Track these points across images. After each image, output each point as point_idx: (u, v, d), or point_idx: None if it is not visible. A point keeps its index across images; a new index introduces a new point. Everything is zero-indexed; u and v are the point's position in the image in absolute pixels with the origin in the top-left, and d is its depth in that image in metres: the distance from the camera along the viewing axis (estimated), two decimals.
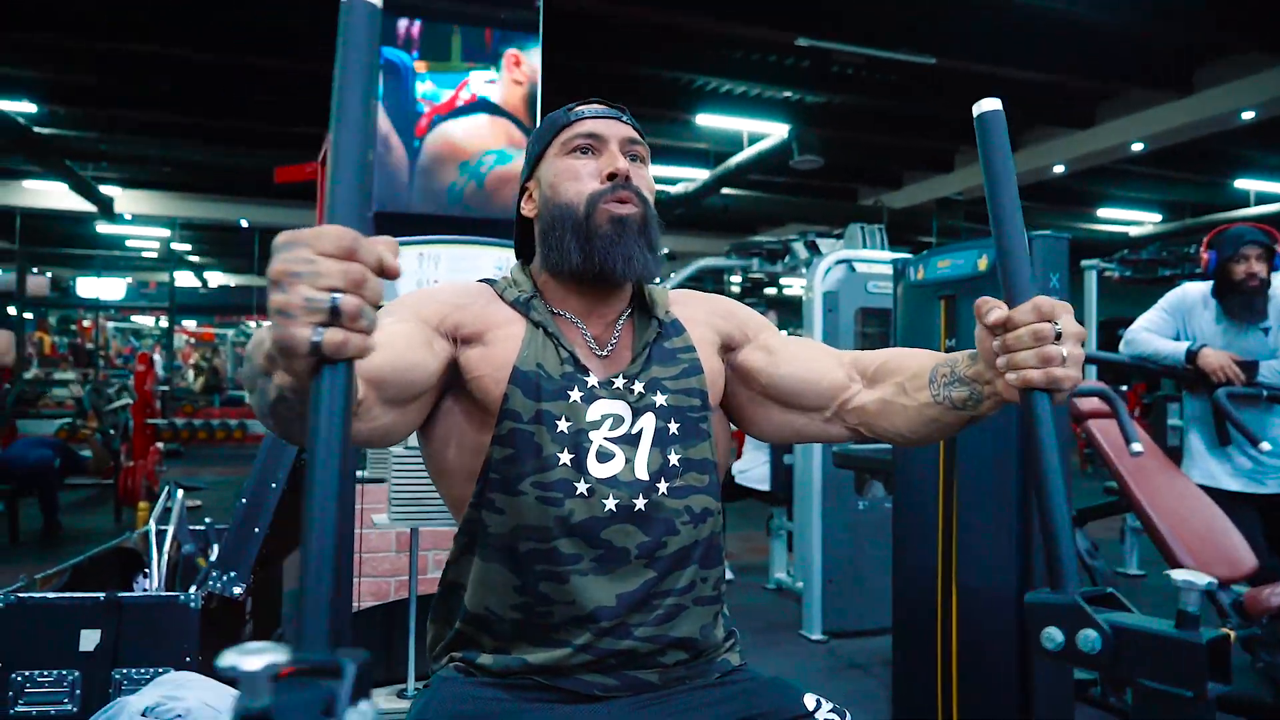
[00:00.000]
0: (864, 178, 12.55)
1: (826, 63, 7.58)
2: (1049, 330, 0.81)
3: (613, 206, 1.04)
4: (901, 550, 2.69)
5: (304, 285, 0.59)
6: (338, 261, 0.60)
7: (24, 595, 2.00)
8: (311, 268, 0.59)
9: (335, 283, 0.59)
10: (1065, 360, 0.81)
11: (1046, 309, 0.82)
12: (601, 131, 1.08)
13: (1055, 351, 0.81)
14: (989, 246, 2.38)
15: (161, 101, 8.82)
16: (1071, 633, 0.78)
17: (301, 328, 0.59)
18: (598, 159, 1.07)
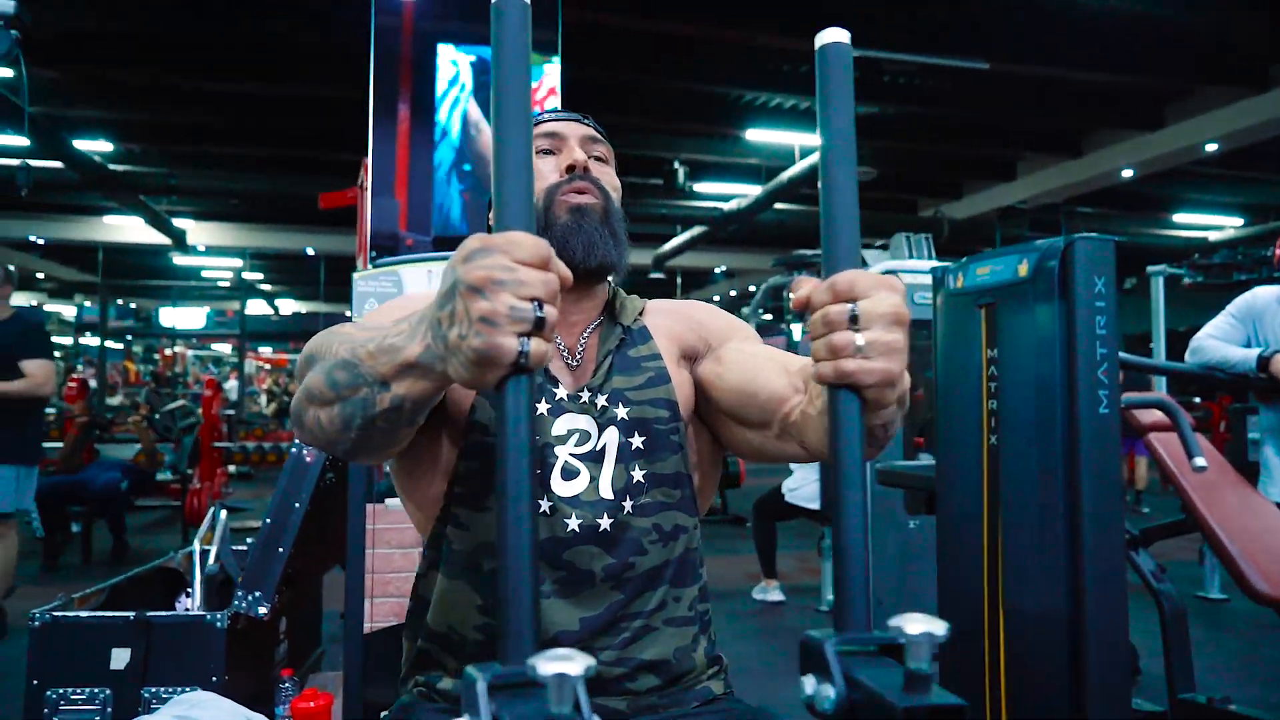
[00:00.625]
0: (923, 188, 12.31)
1: (877, 72, 7.46)
2: (840, 314, 0.65)
3: (570, 197, 1.01)
4: (946, 570, 2.57)
5: (508, 293, 0.58)
6: (538, 271, 0.59)
7: (59, 614, 2.05)
8: (514, 276, 0.58)
9: (538, 292, 0.59)
10: (862, 349, 0.64)
11: (843, 287, 0.65)
12: (561, 131, 1.07)
13: (845, 339, 0.64)
14: (1030, 251, 2.28)
15: (226, 136, 9.16)
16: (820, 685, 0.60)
17: (508, 337, 0.58)
18: (558, 156, 1.05)
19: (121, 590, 2.39)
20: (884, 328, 0.65)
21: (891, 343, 0.65)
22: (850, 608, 0.61)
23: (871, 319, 0.65)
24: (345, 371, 0.77)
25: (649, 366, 1.03)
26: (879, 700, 0.55)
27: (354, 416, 0.77)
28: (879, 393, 0.66)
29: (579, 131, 1.07)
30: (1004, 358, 2.32)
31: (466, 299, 0.60)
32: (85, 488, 5.78)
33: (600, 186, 1.03)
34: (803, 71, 7.49)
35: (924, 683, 0.56)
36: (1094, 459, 2.18)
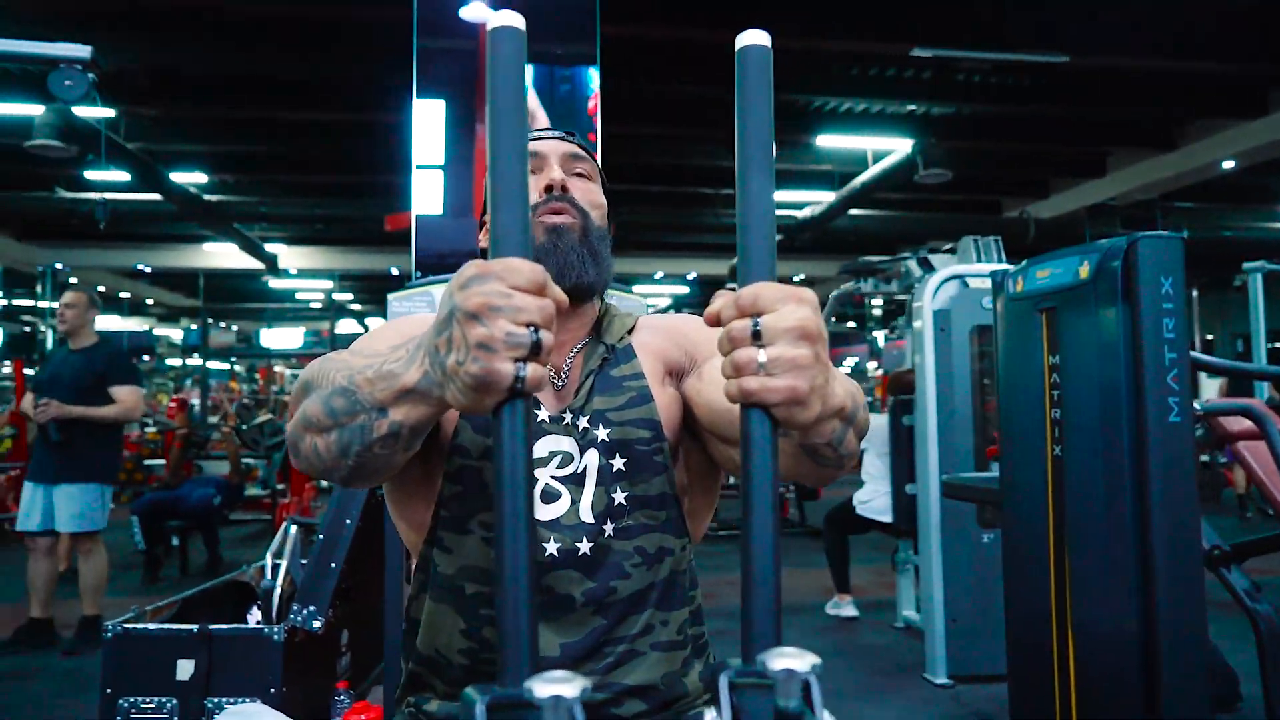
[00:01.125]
0: (1006, 189, 11.90)
1: (950, 71, 7.25)
2: (742, 329, 0.62)
3: (546, 218, 1.01)
4: (1012, 587, 2.46)
5: (505, 320, 0.59)
6: (534, 297, 0.60)
7: (129, 626, 2.14)
8: (510, 302, 0.59)
9: (534, 318, 0.59)
10: (764, 366, 0.61)
11: (746, 301, 0.62)
12: (541, 150, 1.06)
13: (747, 356, 0.61)
14: (1091, 251, 2.17)
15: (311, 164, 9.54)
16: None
17: (505, 362, 0.59)
18: (537, 176, 1.04)
19: (192, 603, 2.49)
20: (789, 343, 0.62)
21: (796, 358, 0.61)
22: (757, 635, 0.58)
23: (775, 334, 0.61)
24: (343, 399, 0.78)
25: (630, 386, 1.01)
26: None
27: (352, 443, 0.78)
28: (786, 411, 0.62)
29: (560, 150, 1.07)
30: (1066, 364, 2.21)
31: (464, 325, 0.60)
32: (182, 502, 6.06)
33: (578, 206, 1.03)
34: (872, 74, 7.35)
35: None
36: (1165, 470, 2.05)
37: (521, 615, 0.57)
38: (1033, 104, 7.83)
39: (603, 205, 1.08)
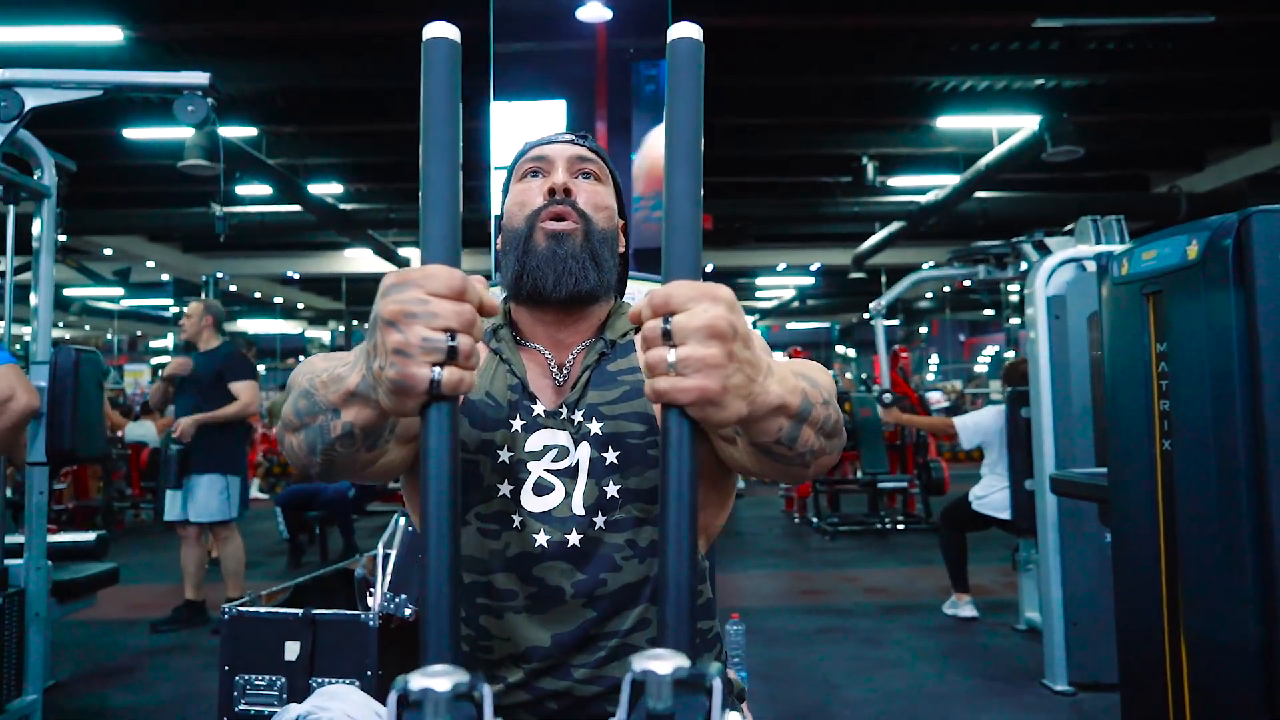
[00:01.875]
0: (1152, 162, 11.05)
1: (1081, 41, 6.81)
2: (653, 330, 0.62)
3: (548, 224, 1.01)
4: (1122, 590, 2.31)
5: (420, 325, 0.61)
6: (451, 302, 0.61)
7: (244, 610, 2.32)
8: (426, 308, 0.61)
9: (451, 323, 0.61)
10: (674, 366, 0.61)
11: (659, 301, 0.62)
12: (548, 154, 1.07)
13: (658, 356, 0.62)
14: (1200, 229, 2.00)
15: None
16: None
17: (420, 367, 0.61)
18: (546, 179, 1.05)
19: (304, 589, 2.66)
20: (698, 342, 0.61)
21: (706, 358, 0.61)
22: (668, 633, 0.59)
23: (685, 334, 0.61)
24: (306, 400, 0.83)
25: (626, 380, 1.02)
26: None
27: (316, 442, 0.82)
28: (700, 411, 0.62)
29: (567, 153, 1.07)
30: (1174, 352, 2.05)
31: (383, 332, 0.62)
32: (319, 494, 6.47)
33: (580, 210, 1.03)
34: (992, 50, 6.99)
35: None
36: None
37: (444, 607, 0.59)
38: (1177, 69, 7.24)
39: (610, 208, 1.07)
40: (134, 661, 3.88)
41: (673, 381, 0.61)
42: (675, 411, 0.62)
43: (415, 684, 0.50)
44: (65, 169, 3.04)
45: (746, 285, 19.69)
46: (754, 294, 20.69)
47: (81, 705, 3.34)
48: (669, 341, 0.62)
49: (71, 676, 3.64)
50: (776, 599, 5.08)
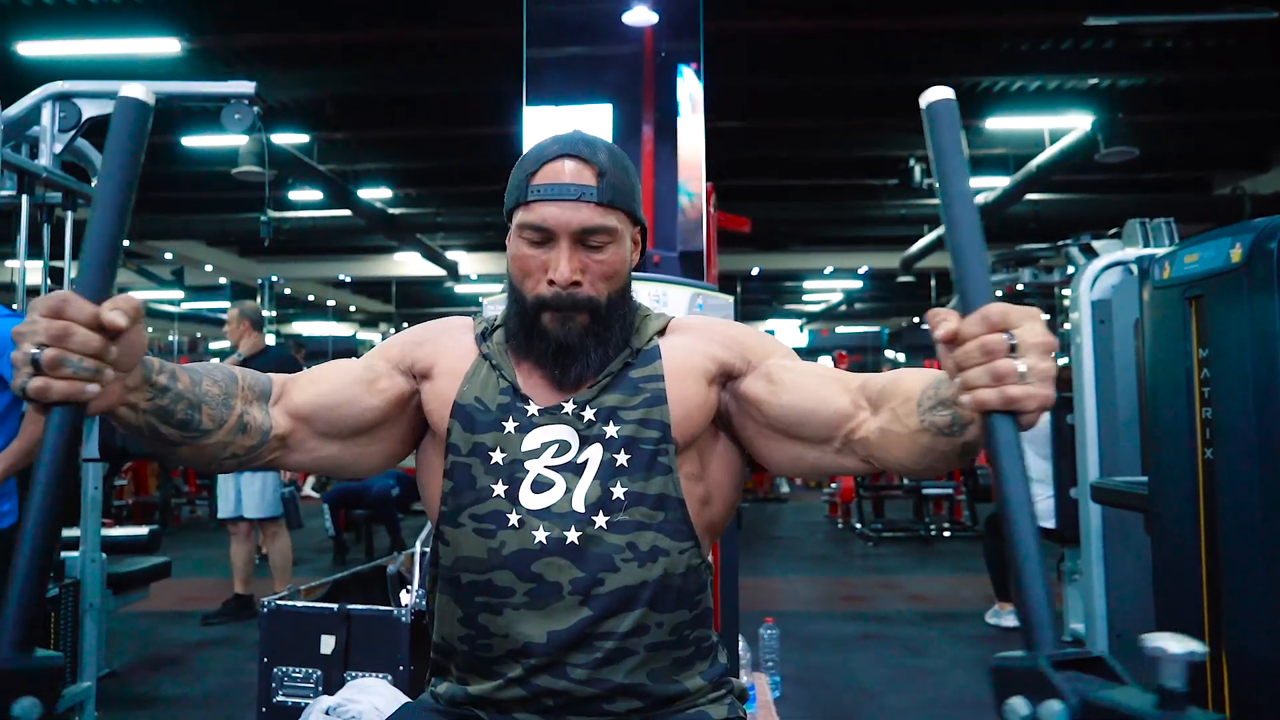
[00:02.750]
0: (1214, 163, 10.72)
1: (1136, 39, 6.64)
2: (999, 343, 0.70)
3: (550, 323, 1.00)
4: (1161, 602, 2.25)
5: (26, 343, 0.70)
6: (48, 320, 0.70)
7: (282, 603, 2.38)
8: (31, 327, 0.70)
9: (39, 338, 0.70)
10: (1024, 375, 0.69)
11: (996, 318, 0.70)
12: (551, 225, 0.99)
13: (1008, 367, 0.69)
14: (1245, 232, 1.95)
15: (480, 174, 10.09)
16: (1037, 703, 0.64)
17: (21, 377, 0.70)
18: (547, 253, 1.00)
19: (343, 585, 2.72)
20: (1039, 355, 0.70)
21: (1048, 369, 0.71)
22: (1035, 626, 0.67)
23: (1029, 347, 0.70)
24: None
25: (646, 388, 1.03)
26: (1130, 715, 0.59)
27: None
28: (1034, 417, 0.71)
29: (572, 224, 0.99)
30: (1216, 358, 1.99)
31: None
32: (365, 493, 6.60)
33: (586, 298, 1.00)
34: (1044, 49, 6.85)
35: (1179, 700, 0.59)
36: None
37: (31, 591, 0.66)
38: (1239, 67, 7.01)
39: (622, 267, 1.03)
40: (184, 653, 4.01)
41: (1025, 389, 0.69)
42: (1001, 417, 0.70)
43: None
44: None
45: (793, 288, 19.56)
46: (800, 297, 20.54)
47: (134, 694, 3.46)
48: (1014, 354, 0.70)
49: (125, 666, 3.77)
50: (816, 604, 5.04)
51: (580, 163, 1.01)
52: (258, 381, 1.01)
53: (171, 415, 0.89)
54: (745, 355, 1.07)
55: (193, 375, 0.93)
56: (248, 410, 0.98)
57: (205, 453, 0.94)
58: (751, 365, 1.06)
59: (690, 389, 1.04)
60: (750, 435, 1.06)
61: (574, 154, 1.01)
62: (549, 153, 1.02)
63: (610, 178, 1.01)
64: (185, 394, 0.90)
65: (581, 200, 0.99)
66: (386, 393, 1.05)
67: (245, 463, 0.98)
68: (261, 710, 2.34)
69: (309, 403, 1.02)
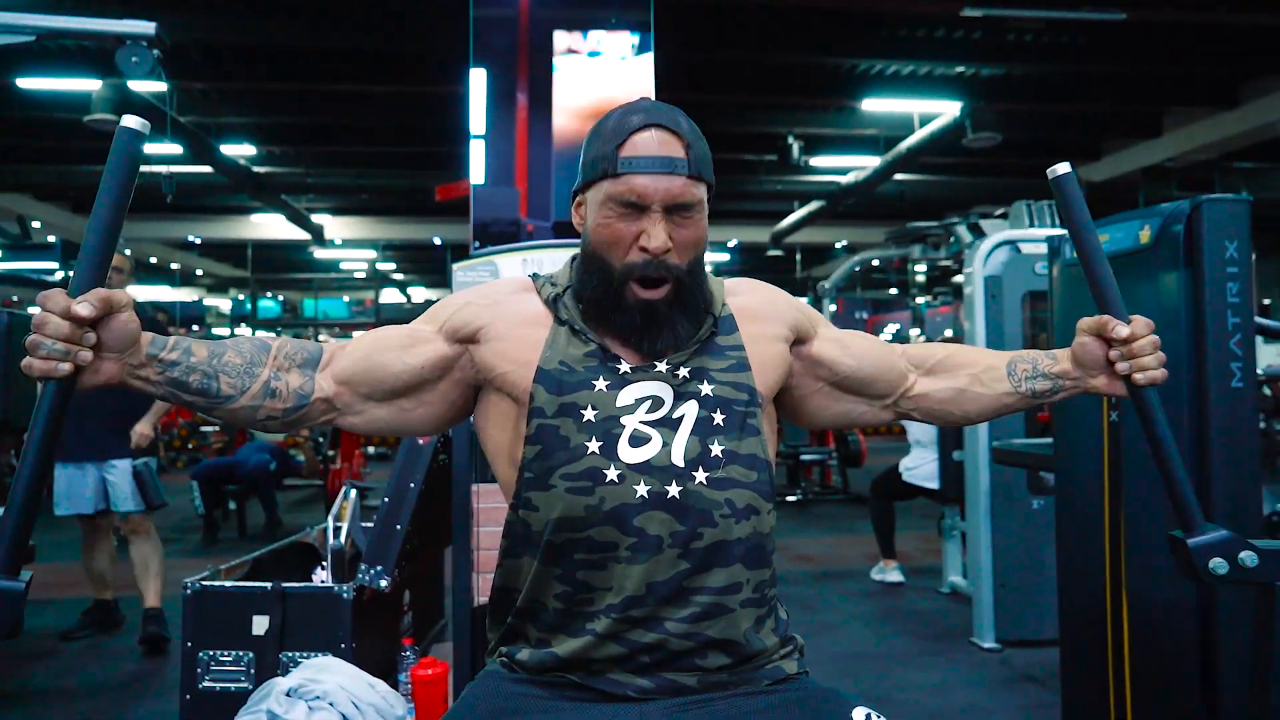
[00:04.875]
0: (1057, 151, 11.58)
1: (1001, 32, 7.08)
2: (1154, 342, 1.11)
3: (641, 291, 1.01)
4: (1066, 553, 2.47)
5: (37, 334, 0.88)
6: (46, 313, 0.87)
7: (208, 584, 2.25)
8: (38, 317, 0.88)
9: (47, 332, 0.87)
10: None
11: (1151, 326, 1.12)
12: (646, 193, 0.99)
13: (1159, 359, 1.12)
14: (1153, 215, 2.14)
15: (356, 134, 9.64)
16: (1232, 559, 1.11)
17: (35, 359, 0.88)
18: (638, 223, 1.00)
19: (263, 563, 2.59)
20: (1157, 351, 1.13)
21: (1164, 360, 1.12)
22: (1191, 513, 1.14)
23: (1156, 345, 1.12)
24: None
25: (732, 355, 1.07)
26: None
27: None
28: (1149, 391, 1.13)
29: (665, 193, 0.99)
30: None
31: None
32: (238, 469, 6.26)
33: (674, 270, 1.01)
34: (920, 36, 7.19)
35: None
36: (1226, 436, 2.03)
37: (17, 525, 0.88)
38: (1085, 63, 7.61)
39: (705, 237, 1.06)
40: (54, 644, 3.68)
41: (1165, 372, 1.11)
42: (1150, 390, 1.12)
43: None
44: None
45: None
46: None
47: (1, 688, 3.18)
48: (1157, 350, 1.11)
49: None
50: None
51: (668, 133, 1.02)
52: (302, 350, 1.07)
53: (187, 385, 0.99)
54: (810, 320, 1.17)
55: (214, 349, 1.02)
56: (278, 376, 1.04)
57: (237, 415, 1.04)
58: (815, 330, 1.17)
59: (768, 353, 1.09)
60: (806, 393, 1.17)
61: (660, 124, 1.02)
62: (633, 124, 1.02)
63: (696, 149, 1.03)
64: (199, 366, 0.99)
65: (674, 174, 1.00)
66: (424, 355, 1.08)
67: (291, 423, 1.06)
68: (185, 698, 2.21)
69: (350, 366, 1.07)
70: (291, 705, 1.68)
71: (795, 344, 1.14)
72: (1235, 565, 1.05)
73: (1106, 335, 1.10)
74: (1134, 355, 1.09)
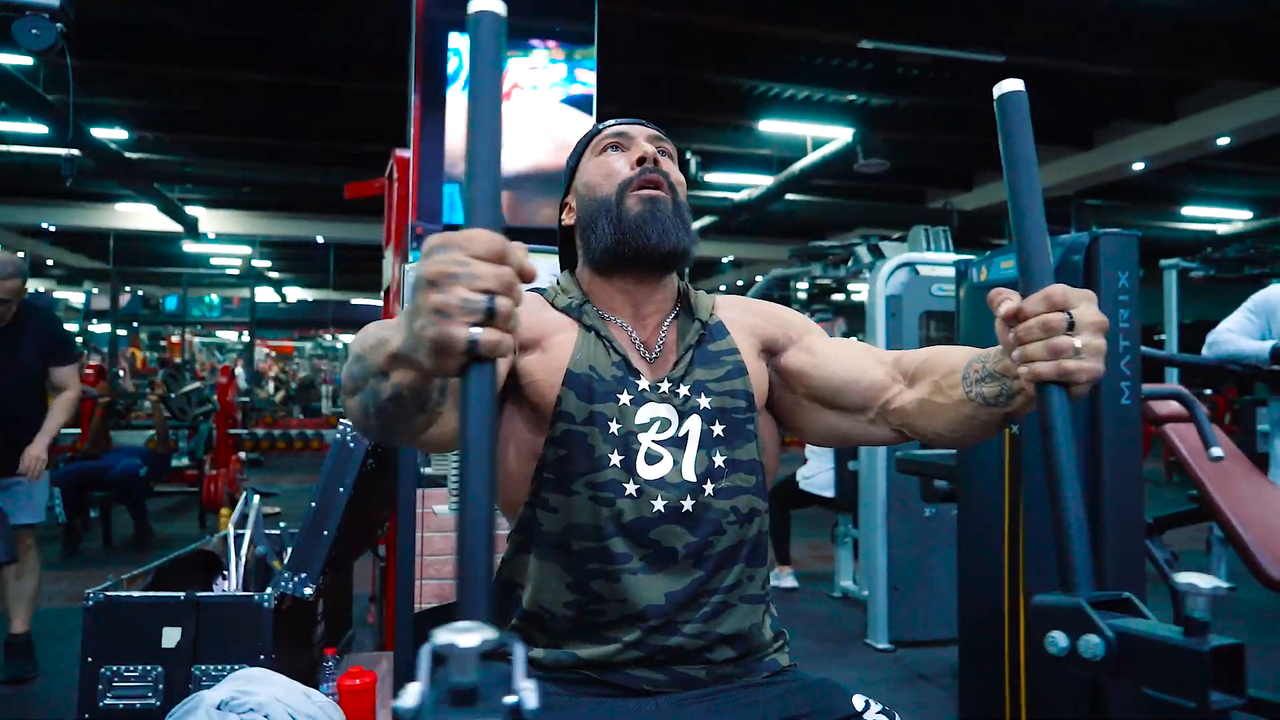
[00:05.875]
0: (933, 180, 12.31)
1: (891, 64, 7.47)
2: (1059, 320, 0.76)
3: (642, 191, 1.08)
4: (967, 557, 2.63)
5: (461, 287, 0.62)
6: (491, 265, 0.62)
7: (112, 595, 2.11)
8: (467, 270, 0.62)
9: (490, 285, 0.62)
10: (1079, 351, 0.75)
11: (1058, 298, 0.77)
12: (628, 131, 1.14)
13: (1066, 342, 0.75)
14: (1055, 245, 2.32)
15: (240, 125, 9.20)
16: (1075, 637, 0.71)
17: (459, 327, 0.61)
18: (627, 153, 1.12)
19: (164, 572, 2.45)
20: (1093, 333, 0.76)
21: (1100, 346, 0.76)
22: (1075, 571, 0.73)
23: (1084, 325, 0.76)
24: (358, 364, 0.84)
25: (728, 360, 1.10)
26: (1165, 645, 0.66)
27: (369, 405, 0.84)
28: (1085, 389, 0.76)
29: (645, 131, 1.15)
30: None
31: (424, 293, 0.64)
32: (105, 473, 5.85)
33: (667, 177, 1.10)
34: (818, 63, 7.50)
35: (1202, 628, 0.65)
36: (1116, 448, 2.23)
37: (480, 564, 0.60)
38: (965, 99, 8.13)
39: (683, 184, 1.14)
40: None
41: (1079, 364, 0.75)
42: (1056, 389, 0.76)
43: (443, 639, 0.49)
44: None
45: None
46: None
47: None
48: (1070, 332, 0.75)
49: None
50: None
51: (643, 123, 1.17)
52: None
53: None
54: (785, 331, 1.16)
55: None
56: None
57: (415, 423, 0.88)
58: (791, 340, 1.15)
59: (752, 361, 1.12)
60: (789, 406, 1.15)
61: (639, 121, 1.17)
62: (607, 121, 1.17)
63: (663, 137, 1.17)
64: None
65: (647, 126, 1.16)
66: (507, 362, 1.04)
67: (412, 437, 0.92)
68: (84, 717, 2.06)
69: None
70: (223, 719, 1.60)
71: (771, 355, 1.15)
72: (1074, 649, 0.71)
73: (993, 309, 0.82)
74: (1019, 340, 0.79)
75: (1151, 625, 0.70)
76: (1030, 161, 0.80)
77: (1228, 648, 0.65)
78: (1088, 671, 0.70)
